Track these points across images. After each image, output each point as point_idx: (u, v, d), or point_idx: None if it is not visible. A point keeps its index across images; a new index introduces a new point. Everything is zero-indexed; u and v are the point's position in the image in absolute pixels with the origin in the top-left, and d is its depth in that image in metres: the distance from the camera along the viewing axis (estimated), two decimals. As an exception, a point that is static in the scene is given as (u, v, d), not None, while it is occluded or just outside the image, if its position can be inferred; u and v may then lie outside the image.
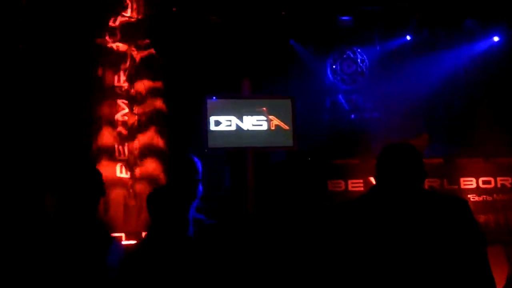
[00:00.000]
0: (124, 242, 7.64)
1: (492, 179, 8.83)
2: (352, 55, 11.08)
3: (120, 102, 8.11)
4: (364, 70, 11.05)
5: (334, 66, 11.07)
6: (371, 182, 8.53)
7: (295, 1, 9.92)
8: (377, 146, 7.39)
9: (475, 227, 2.42)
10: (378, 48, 10.93)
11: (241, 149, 8.61)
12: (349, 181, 8.75)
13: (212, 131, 8.55)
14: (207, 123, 8.52)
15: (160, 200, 3.21)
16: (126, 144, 8.05)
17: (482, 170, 8.87)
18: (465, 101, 10.38)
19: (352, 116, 10.94)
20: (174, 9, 9.34)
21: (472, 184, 8.83)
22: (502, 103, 9.74)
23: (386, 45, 10.88)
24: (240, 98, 8.82)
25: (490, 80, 10.28)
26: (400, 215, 2.37)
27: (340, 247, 2.41)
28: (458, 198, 2.56)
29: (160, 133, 8.30)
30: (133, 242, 7.54)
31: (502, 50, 10.65)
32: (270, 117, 8.83)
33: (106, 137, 7.99)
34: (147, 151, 8.11)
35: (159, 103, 8.42)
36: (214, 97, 8.73)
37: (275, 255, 6.24)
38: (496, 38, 10.74)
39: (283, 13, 10.15)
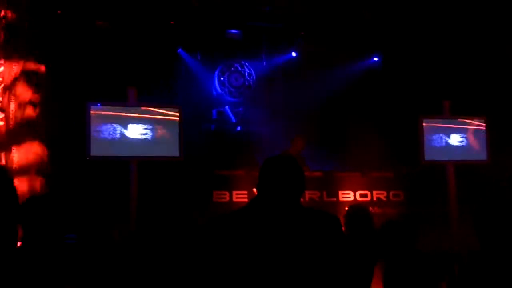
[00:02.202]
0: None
1: (368, 193, 9.28)
2: (240, 69, 11.24)
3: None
4: (251, 83, 11.25)
5: (222, 78, 11.16)
6: (255, 194, 8.66)
7: (185, 11, 9.89)
8: (261, 158, 7.55)
9: (343, 243, 2.53)
10: (265, 63, 11.20)
11: (125, 158, 8.38)
12: (234, 192, 8.82)
13: (95, 139, 8.24)
14: (89, 130, 8.20)
15: (37, 209, 3.09)
16: (2, 154, 7.61)
17: (359, 184, 9.30)
18: (345, 117, 10.85)
19: (238, 128, 11.08)
20: (59, 11, 8.98)
21: (350, 197, 9.22)
22: (379, 120, 10.27)
23: (273, 60, 11.18)
24: (126, 106, 8.57)
25: (368, 97, 10.84)
26: (274, 231, 2.42)
27: (215, 262, 2.42)
28: (330, 215, 2.63)
29: (39, 143, 7.92)
30: None
31: (380, 69, 11.30)
32: (156, 126, 8.68)
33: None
34: (25, 162, 7.70)
35: (36, 113, 8.02)
36: (98, 104, 8.43)
37: (156, 267, 6.14)
38: (375, 58, 11.39)
39: (172, 22, 10.11)
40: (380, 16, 10.18)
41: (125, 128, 8.45)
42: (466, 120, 9.66)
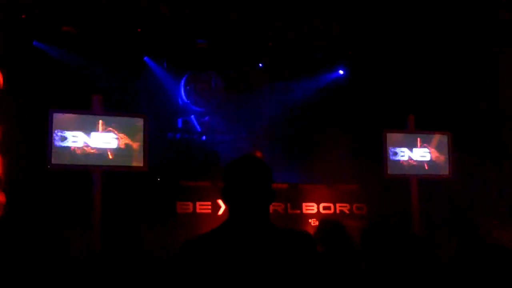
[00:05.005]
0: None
1: (332, 205, 9.33)
2: (206, 78, 11.19)
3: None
4: (218, 94, 11.21)
5: (188, 87, 11.09)
6: (219, 205, 8.63)
7: (152, 18, 9.79)
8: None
9: (317, 262, 2.50)
10: (232, 73, 11.17)
11: (88, 167, 8.20)
12: (197, 203, 8.75)
13: (57, 147, 8.03)
14: (51, 138, 7.99)
15: None
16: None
17: (323, 196, 9.34)
18: (310, 129, 10.90)
19: (203, 137, 11.01)
20: (23, 15, 8.79)
21: (313, 209, 9.25)
22: (344, 133, 10.33)
23: (241, 71, 11.16)
24: (90, 114, 8.38)
25: (333, 110, 10.92)
26: (247, 256, 2.37)
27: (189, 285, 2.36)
28: (303, 234, 2.59)
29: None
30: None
31: (345, 82, 11.40)
32: (120, 135, 8.52)
33: None
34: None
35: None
36: (61, 111, 8.23)
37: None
38: (341, 71, 11.49)
39: (139, 29, 10.00)
40: (347, 30, 10.27)
41: (89, 136, 8.27)
42: (430, 135, 9.78)
